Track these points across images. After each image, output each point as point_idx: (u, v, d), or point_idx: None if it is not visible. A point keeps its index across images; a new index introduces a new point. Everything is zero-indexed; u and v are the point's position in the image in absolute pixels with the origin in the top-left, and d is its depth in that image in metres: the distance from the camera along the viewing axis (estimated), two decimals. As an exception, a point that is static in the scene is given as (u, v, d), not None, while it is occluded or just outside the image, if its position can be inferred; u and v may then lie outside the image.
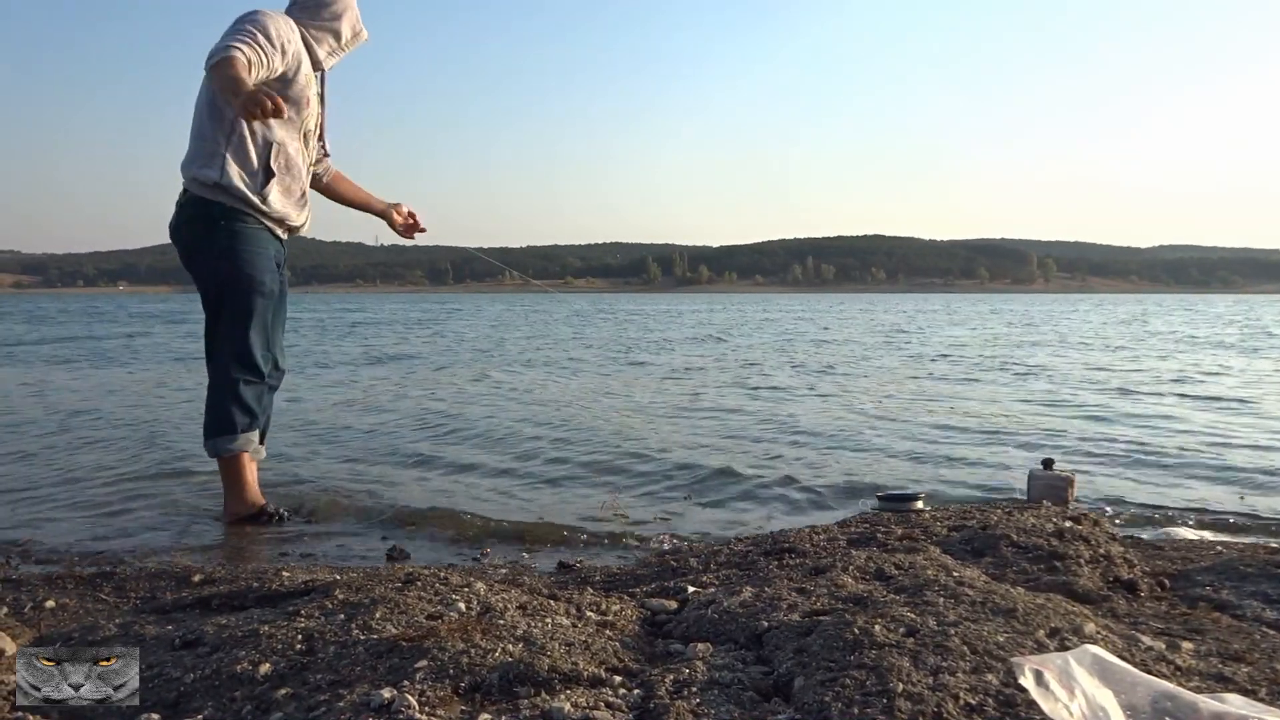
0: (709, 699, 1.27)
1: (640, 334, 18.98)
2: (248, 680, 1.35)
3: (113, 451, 4.62)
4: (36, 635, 1.76)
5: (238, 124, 2.88)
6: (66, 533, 3.07)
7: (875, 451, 4.76)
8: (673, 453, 4.65)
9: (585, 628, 1.57)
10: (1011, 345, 15.02)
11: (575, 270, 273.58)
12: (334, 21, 3.05)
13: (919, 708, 1.17)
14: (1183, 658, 1.46)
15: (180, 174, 2.97)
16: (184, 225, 2.99)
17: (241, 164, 2.90)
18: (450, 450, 4.74)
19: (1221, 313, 35.29)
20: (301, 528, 3.13)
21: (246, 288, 2.98)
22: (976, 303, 66.13)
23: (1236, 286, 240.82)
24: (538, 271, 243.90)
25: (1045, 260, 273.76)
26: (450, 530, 3.12)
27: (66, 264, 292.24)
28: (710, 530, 3.15)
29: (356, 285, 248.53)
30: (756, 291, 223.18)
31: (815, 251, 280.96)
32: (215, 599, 1.88)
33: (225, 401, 3.01)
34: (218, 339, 3.05)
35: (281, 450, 4.42)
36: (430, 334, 18.57)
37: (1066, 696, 1.15)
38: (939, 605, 1.58)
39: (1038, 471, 3.19)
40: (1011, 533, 2.29)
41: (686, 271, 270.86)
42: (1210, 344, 15.60)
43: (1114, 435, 5.29)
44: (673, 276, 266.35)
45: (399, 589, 1.73)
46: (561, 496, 3.70)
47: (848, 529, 2.56)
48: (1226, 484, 3.96)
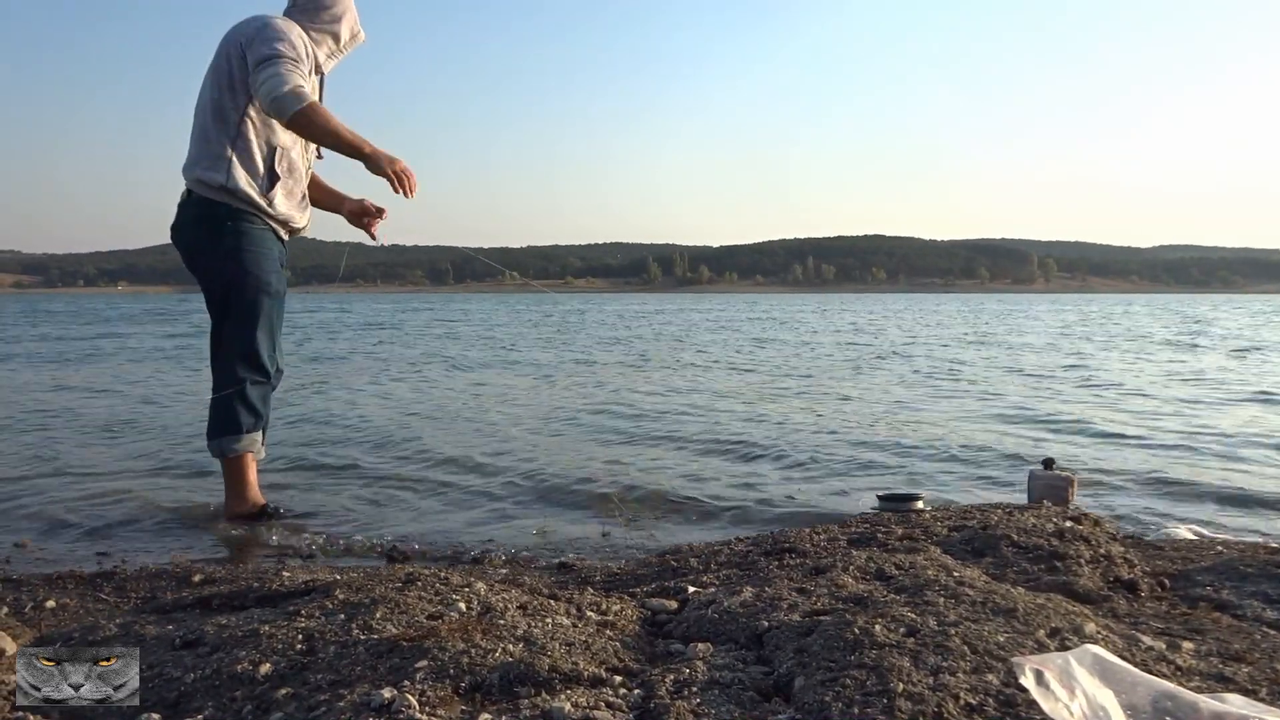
0: (709, 699, 1.27)
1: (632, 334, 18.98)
2: (248, 680, 1.35)
3: (113, 450, 4.62)
4: (37, 635, 1.76)
5: (243, 127, 2.89)
6: (67, 532, 3.07)
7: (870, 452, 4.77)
8: (671, 451, 4.64)
9: (586, 628, 1.57)
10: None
11: (575, 270, 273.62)
12: (333, 24, 3.06)
13: (919, 708, 1.17)
14: (1183, 658, 1.46)
15: (182, 176, 2.98)
16: (188, 226, 2.99)
17: (247, 167, 2.91)
18: (452, 451, 4.74)
19: (1201, 313, 35.63)
20: (300, 524, 3.13)
21: (254, 288, 2.98)
22: (965, 302, 66.73)
23: (1237, 286, 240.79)
24: (538, 272, 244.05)
25: (1046, 260, 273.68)
26: (451, 530, 3.12)
27: (67, 264, 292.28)
28: (711, 530, 3.15)
29: (357, 285, 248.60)
30: (757, 291, 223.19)
31: (816, 251, 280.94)
32: (216, 599, 1.88)
33: (232, 402, 3.01)
34: (223, 340, 3.05)
35: (282, 451, 4.42)
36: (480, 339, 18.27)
37: (1067, 696, 1.15)
38: (939, 605, 1.58)
39: (1038, 471, 3.19)
40: (1012, 533, 2.29)
41: (687, 272, 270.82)
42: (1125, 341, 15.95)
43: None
44: (673, 277, 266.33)
45: (399, 589, 1.73)
46: (562, 496, 3.69)
47: (848, 529, 2.56)
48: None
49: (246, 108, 2.89)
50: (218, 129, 2.90)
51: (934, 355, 12.41)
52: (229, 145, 2.89)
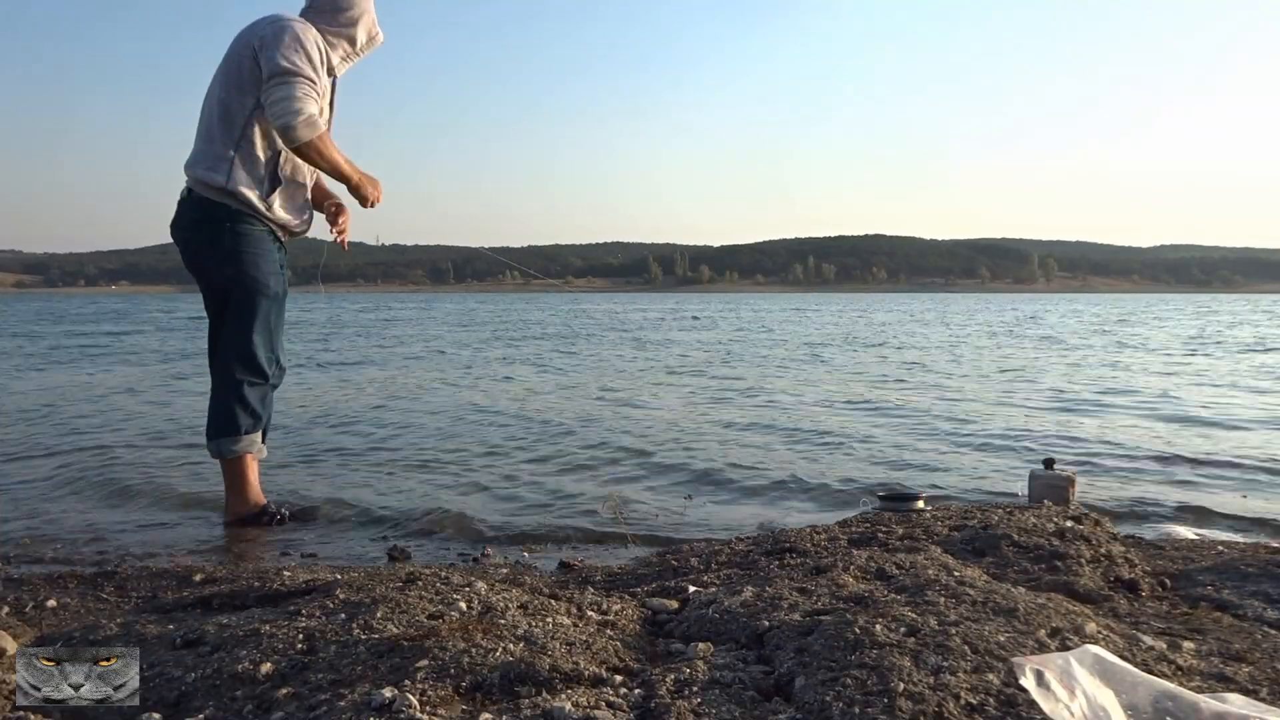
0: (710, 698, 1.27)
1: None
2: (249, 680, 1.35)
3: (113, 450, 4.61)
4: (38, 634, 1.76)
5: (248, 130, 2.88)
6: (68, 532, 3.07)
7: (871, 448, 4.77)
8: (672, 452, 4.65)
9: (586, 627, 1.57)
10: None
11: (576, 270, 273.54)
12: (350, 28, 3.04)
13: (920, 707, 1.17)
14: (1184, 657, 1.45)
15: (184, 172, 2.97)
16: (188, 226, 2.99)
17: (249, 170, 2.90)
18: (449, 449, 4.74)
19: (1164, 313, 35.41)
20: (302, 526, 3.13)
21: (252, 290, 2.98)
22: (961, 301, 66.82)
23: (1238, 286, 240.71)
24: (539, 271, 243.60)
25: (1047, 260, 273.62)
26: (451, 530, 3.13)
27: (68, 264, 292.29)
28: (711, 530, 3.15)
29: (357, 284, 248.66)
30: (758, 291, 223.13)
31: (816, 251, 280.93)
32: (216, 598, 1.88)
33: (230, 403, 3.01)
34: (222, 340, 3.05)
35: (281, 452, 4.42)
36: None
37: (1067, 696, 1.15)
38: (940, 605, 1.58)
39: (1039, 471, 3.19)
40: (1013, 532, 2.29)
41: (688, 271, 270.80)
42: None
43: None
44: (674, 276, 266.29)
45: (400, 588, 1.73)
46: (562, 497, 3.69)
47: (849, 529, 2.55)
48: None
49: (254, 110, 2.87)
50: (223, 129, 2.89)
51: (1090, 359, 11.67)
52: (232, 147, 2.88)
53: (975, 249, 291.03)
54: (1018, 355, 12.32)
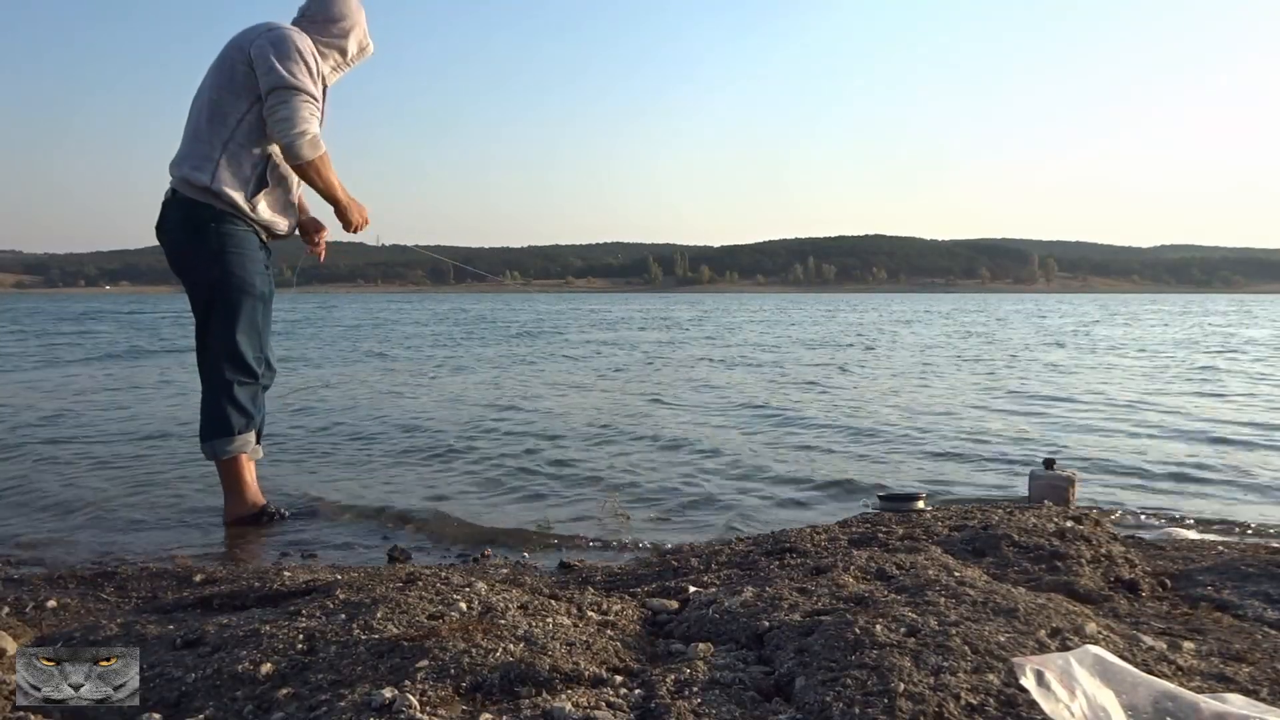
0: (710, 699, 1.27)
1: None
2: (249, 680, 1.35)
3: (113, 451, 4.61)
4: (38, 635, 1.76)
5: (237, 131, 2.88)
6: (68, 532, 3.07)
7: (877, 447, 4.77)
8: (673, 451, 4.64)
9: (586, 627, 1.57)
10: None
11: (576, 270, 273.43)
12: (341, 39, 3.05)
13: (920, 707, 1.17)
14: (1184, 658, 1.45)
15: (169, 171, 2.96)
16: (173, 228, 2.98)
17: (234, 171, 2.89)
18: (450, 449, 4.74)
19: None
20: (302, 527, 3.13)
21: (237, 289, 2.97)
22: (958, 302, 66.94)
23: (1239, 286, 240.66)
24: (538, 272, 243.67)
25: (1047, 260, 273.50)
26: (451, 530, 3.13)
27: (68, 264, 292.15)
28: (711, 530, 3.15)
29: (357, 285, 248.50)
30: (758, 291, 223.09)
31: (816, 251, 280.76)
32: (216, 599, 1.88)
33: (221, 404, 3.01)
34: (209, 342, 3.04)
35: (281, 452, 4.42)
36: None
37: (1068, 697, 1.15)
38: (940, 605, 1.58)
39: (1039, 471, 3.19)
40: (1013, 532, 2.29)
41: (688, 271, 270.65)
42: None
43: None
44: (674, 276, 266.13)
45: (400, 589, 1.73)
46: (562, 496, 3.69)
47: (849, 529, 2.55)
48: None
49: (246, 114, 2.86)
50: (210, 130, 2.88)
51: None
52: (220, 148, 2.87)
53: (975, 249, 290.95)
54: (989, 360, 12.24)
